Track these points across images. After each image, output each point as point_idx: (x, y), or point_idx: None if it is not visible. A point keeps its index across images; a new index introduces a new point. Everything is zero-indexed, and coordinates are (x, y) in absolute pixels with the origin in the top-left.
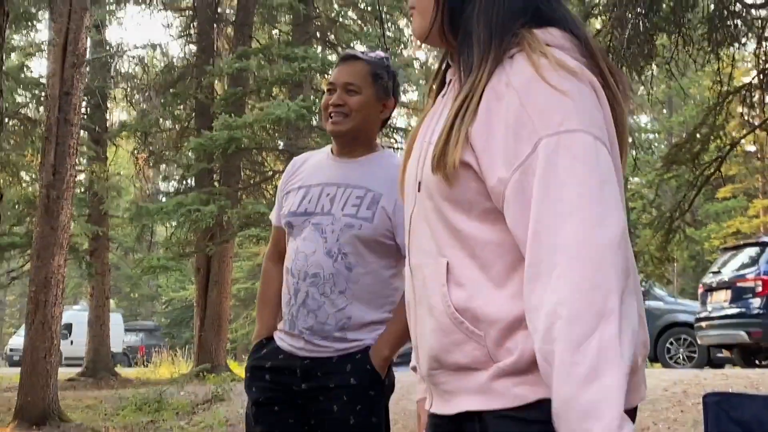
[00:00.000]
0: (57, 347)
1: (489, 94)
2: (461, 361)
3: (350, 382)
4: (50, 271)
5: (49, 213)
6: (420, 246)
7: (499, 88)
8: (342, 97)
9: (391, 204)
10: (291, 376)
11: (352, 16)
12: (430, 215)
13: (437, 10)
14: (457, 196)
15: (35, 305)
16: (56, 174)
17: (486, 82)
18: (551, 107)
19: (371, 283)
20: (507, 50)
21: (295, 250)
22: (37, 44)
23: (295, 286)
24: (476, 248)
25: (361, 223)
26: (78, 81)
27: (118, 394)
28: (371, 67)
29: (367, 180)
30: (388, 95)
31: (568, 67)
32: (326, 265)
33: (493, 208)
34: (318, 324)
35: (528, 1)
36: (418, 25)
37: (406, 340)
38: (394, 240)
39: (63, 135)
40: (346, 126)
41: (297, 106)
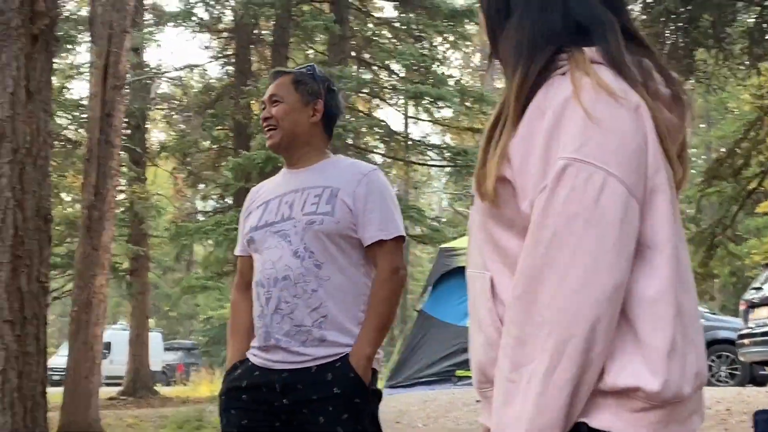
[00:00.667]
0: (99, 367)
1: (532, 111)
2: None
3: (334, 392)
4: (92, 291)
5: (91, 233)
6: (473, 258)
7: (543, 106)
8: (268, 110)
9: (350, 197)
10: (270, 392)
11: (386, 34)
12: (478, 229)
13: (485, 26)
14: (497, 212)
15: (77, 325)
16: (98, 195)
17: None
18: (577, 132)
19: (343, 281)
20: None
21: (261, 262)
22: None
23: (266, 296)
24: (515, 265)
25: (322, 217)
26: (119, 103)
27: (159, 413)
28: (293, 76)
29: (322, 179)
30: (315, 97)
31: (609, 89)
32: (294, 265)
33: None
34: (294, 327)
35: (567, 18)
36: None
37: (384, 336)
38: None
39: (104, 156)
40: (277, 137)
41: None
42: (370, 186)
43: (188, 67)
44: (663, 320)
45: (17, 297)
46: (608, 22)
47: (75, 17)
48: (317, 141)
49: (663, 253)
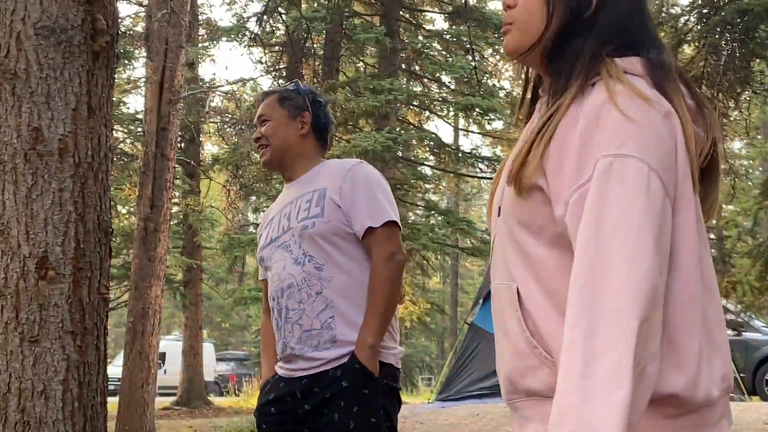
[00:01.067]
0: (154, 377)
1: (567, 120)
2: (534, 386)
3: (343, 386)
4: (148, 302)
5: (146, 245)
6: (498, 270)
7: (576, 115)
8: (259, 130)
9: (336, 193)
10: (293, 400)
11: (437, 47)
12: (505, 239)
13: (547, 29)
14: (527, 219)
15: (133, 335)
16: (153, 207)
17: (568, 107)
18: (615, 131)
19: (346, 279)
20: (592, 77)
21: (270, 277)
22: (134, 81)
23: (277, 307)
24: (543, 273)
25: (314, 220)
26: (174, 116)
27: (213, 423)
28: (278, 94)
29: (313, 184)
30: (301, 110)
31: (643, 96)
32: (296, 272)
33: (561, 234)
34: (305, 333)
35: (619, 31)
36: (518, 41)
37: (387, 326)
38: (351, 229)
39: (160, 169)
40: (268, 154)
41: (383, 137)
42: (355, 178)
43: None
44: (693, 326)
45: (78, 308)
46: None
47: (131, 33)
48: (310, 151)
49: (689, 261)
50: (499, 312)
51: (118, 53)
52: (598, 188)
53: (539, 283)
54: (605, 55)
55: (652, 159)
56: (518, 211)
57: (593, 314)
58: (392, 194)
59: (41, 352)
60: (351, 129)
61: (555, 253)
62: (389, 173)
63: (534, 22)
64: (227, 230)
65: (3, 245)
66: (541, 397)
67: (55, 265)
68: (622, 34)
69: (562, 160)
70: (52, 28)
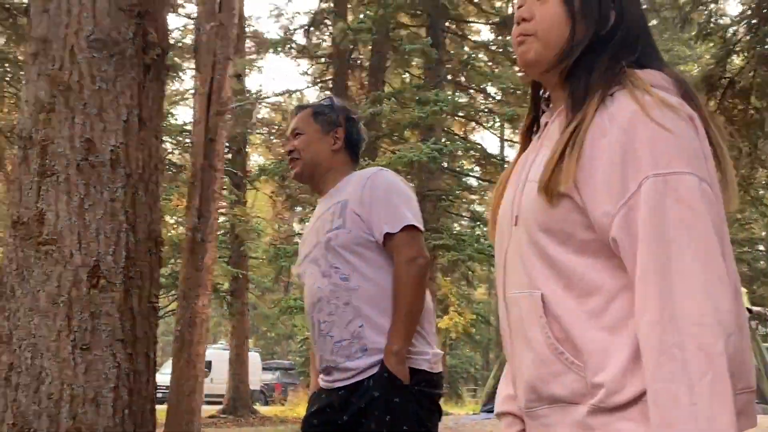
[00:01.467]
0: (201, 385)
1: (594, 130)
2: (558, 392)
3: (374, 396)
4: (195, 311)
5: (194, 255)
6: (514, 280)
7: (603, 125)
8: (291, 143)
9: (357, 203)
10: (333, 411)
11: (483, 58)
12: (524, 248)
13: (569, 43)
14: (555, 226)
15: (181, 344)
16: (201, 217)
17: (592, 118)
18: (658, 146)
19: (373, 288)
20: (611, 88)
21: (304, 292)
22: (182, 93)
23: (311, 322)
24: (573, 279)
25: (336, 232)
26: (221, 128)
27: None
28: (312, 109)
29: (338, 196)
30: (334, 125)
31: (670, 104)
32: (323, 285)
33: (591, 240)
34: (336, 344)
35: (634, 44)
36: (540, 53)
37: (413, 330)
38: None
39: (207, 180)
40: (299, 168)
41: (429, 148)
42: (374, 186)
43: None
44: None
45: (129, 317)
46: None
47: (180, 45)
48: (341, 166)
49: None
50: (518, 321)
51: (168, 65)
52: (656, 210)
53: (568, 288)
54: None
55: (700, 169)
56: (544, 219)
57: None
58: (415, 199)
59: (93, 360)
60: (397, 140)
61: (583, 259)
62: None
63: (557, 35)
64: (273, 240)
65: (56, 254)
66: (565, 403)
67: (106, 275)
68: (635, 49)
69: (594, 169)
70: (104, 41)
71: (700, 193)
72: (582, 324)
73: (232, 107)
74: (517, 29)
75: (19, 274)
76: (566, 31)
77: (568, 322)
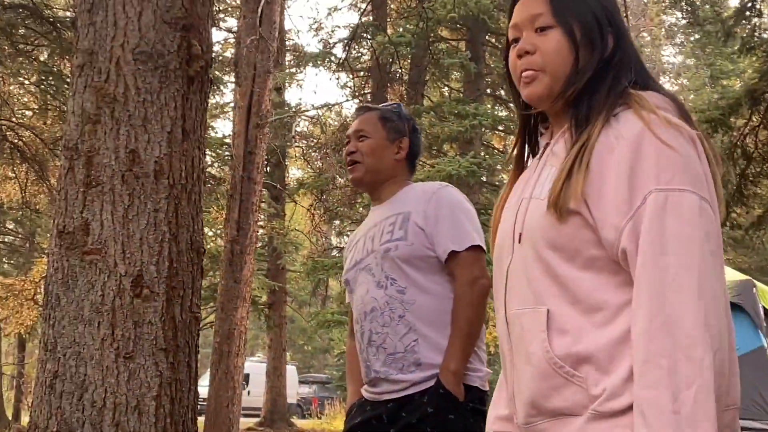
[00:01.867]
0: (239, 397)
1: (600, 148)
2: (559, 405)
3: (428, 411)
4: (233, 323)
5: (233, 267)
6: (517, 296)
7: (610, 142)
8: (354, 144)
9: (420, 217)
10: (379, 423)
11: None
12: (529, 265)
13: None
14: (563, 242)
15: (219, 356)
16: (240, 230)
17: (598, 136)
18: (663, 162)
19: (428, 303)
20: (615, 108)
21: (354, 300)
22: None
23: (360, 331)
24: (579, 295)
25: (397, 243)
26: (261, 141)
27: None
28: (380, 112)
29: (398, 207)
30: (401, 135)
31: (675, 124)
32: (378, 296)
33: (599, 257)
34: (389, 356)
35: (631, 65)
36: (551, 87)
37: (470, 350)
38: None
39: (246, 192)
40: (360, 172)
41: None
42: (440, 202)
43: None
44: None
45: (171, 326)
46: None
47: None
48: (400, 175)
49: None
50: (519, 338)
51: (211, 78)
52: (656, 223)
53: (575, 304)
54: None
55: (699, 187)
56: (552, 235)
57: (673, 352)
58: (478, 219)
59: (135, 368)
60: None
61: (589, 274)
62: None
63: (564, 66)
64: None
65: (100, 264)
66: (565, 415)
67: (149, 284)
68: (632, 71)
69: (603, 185)
70: (149, 53)
71: (699, 210)
72: (589, 335)
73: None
74: (523, 63)
75: (64, 283)
76: (571, 60)
77: (575, 336)
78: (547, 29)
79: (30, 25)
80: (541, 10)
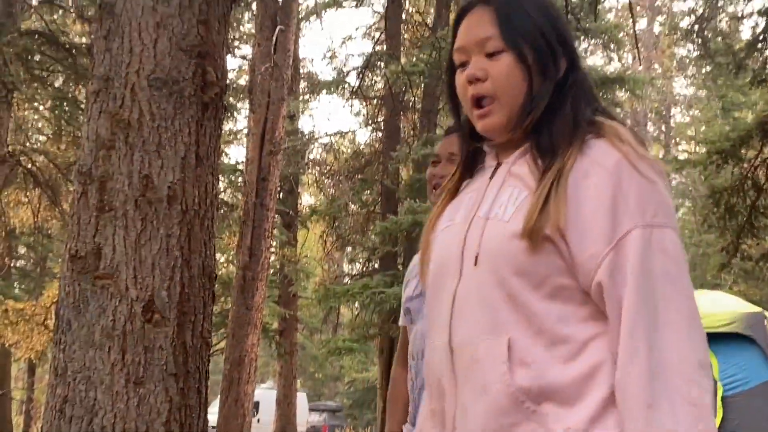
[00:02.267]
0: (248, 425)
1: (575, 174)
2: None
3: None
4: (244, 350)
5: (244, 293)
6: (468, 323)
7: (584, 167)
8: (446, 168)
9: None
10: None
11: None
12: (488, 290)
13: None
14: (531, 270)
15: (229, 382)
16: (252, 256)
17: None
18: (645, 196)
19: None
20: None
21: (413, 333)
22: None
23: (415, 368)
24: (544, 325)
25: None
26: (274, 167)
27: None
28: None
29: None
30: None
31: (647, 158)
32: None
33: (568, 285)
34: None
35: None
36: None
37: None
38: None
39: (259, 219)
40: None
41: None
42: None
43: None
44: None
45: (182, 351)
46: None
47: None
48: None
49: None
50: (468, 368)
51: (225, 105)
52: (643, 260)
53: (539, 335)
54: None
55: (674, 222)
56: (520, 261)
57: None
58: None
59: (145, 394)
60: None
61: (555, 304)
62: None
63: (517, 93)
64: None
65: (112, 288)
66: None
67: (160, 309)
68: (589, 96)
69: (579, 211)
70: (164, 80)
71: (680, 246)
72: (553, 369)
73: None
74: (472, 90)
75: (75, 307)
76: (525, 87)
77: (538, 369)
78: (497, 54)
79: (46, 52)
80: (490, 33)
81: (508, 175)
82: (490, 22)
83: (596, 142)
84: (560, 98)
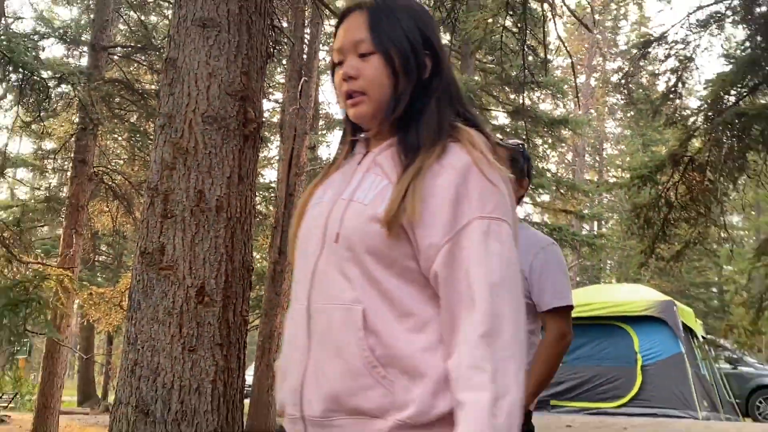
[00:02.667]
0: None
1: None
2: (363, 405)
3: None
4: (274, 326)
5: (274, 282)
6: (326, 292)
7: (436, 168)
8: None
9: (527, 265)
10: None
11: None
12: (346, 265)
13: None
14: (384, 251)
15: (262, 351)
16: (281, 254)
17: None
18: (486, 195)
19: None
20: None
21: None
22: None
23: None
24: (394, 300)
25: None
26: (299, 185)
27: None
28: (509, 152)
29: None
30: (522, 175)
31: (495, 165)
32: None
33: (413, 269)
34: None
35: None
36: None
37: (540, 392)
38: (530, 299)
39: (286, 225)
40: None
41: None
42: (548, 258)
43: None
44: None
45: (226, 326)
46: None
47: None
48: None
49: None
50: (325, 332)
51: (261, 137)
52: (481, 245)
53: (392, 307)
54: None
55: (510, 217)
56: (375, 243)
57: (495, 361)
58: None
59: (197, 359)
60: None
61: (404, 284)
62: None
63: (384, 91)
64: None
65: (172, 277)
66: (367, 416)
67: (209, 294)
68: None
69: (426, 205)
70: (214, 117)
71: (511, 236)
72: (401, 339)
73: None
74: (346, 86)
75: (144, 291)
76: (390, 86)
77: (388, 336)
78: (368, 55)
79: (124, 95)
80: (362, 36)
81: (373, 163)
82: (363, 26)
83: (452, 146)
84: (425, 99)
